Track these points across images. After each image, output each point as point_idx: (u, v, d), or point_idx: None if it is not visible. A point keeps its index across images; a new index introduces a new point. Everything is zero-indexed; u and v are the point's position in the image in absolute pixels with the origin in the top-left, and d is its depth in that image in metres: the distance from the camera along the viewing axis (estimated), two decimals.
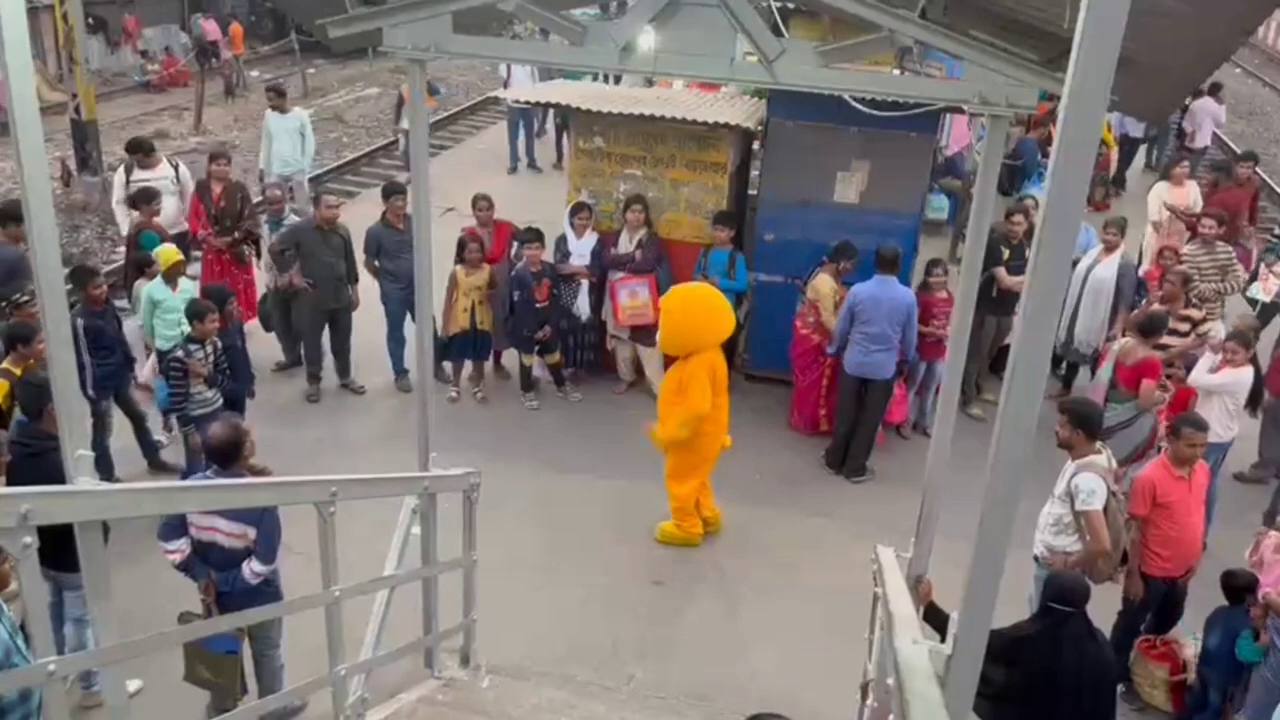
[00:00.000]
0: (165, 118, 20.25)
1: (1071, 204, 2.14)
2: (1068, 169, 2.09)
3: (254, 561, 4.98)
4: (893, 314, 7.82)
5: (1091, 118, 2.08)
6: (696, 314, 6.94)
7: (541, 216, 11.45)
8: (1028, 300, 2.19)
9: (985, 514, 2.44)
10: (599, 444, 8.49)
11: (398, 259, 8.63)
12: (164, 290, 7.75)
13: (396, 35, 4.52)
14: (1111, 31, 2.00)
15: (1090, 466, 5.54)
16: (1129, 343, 7.42)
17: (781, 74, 4.28)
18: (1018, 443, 2.31)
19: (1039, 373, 2.27)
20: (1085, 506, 5.46)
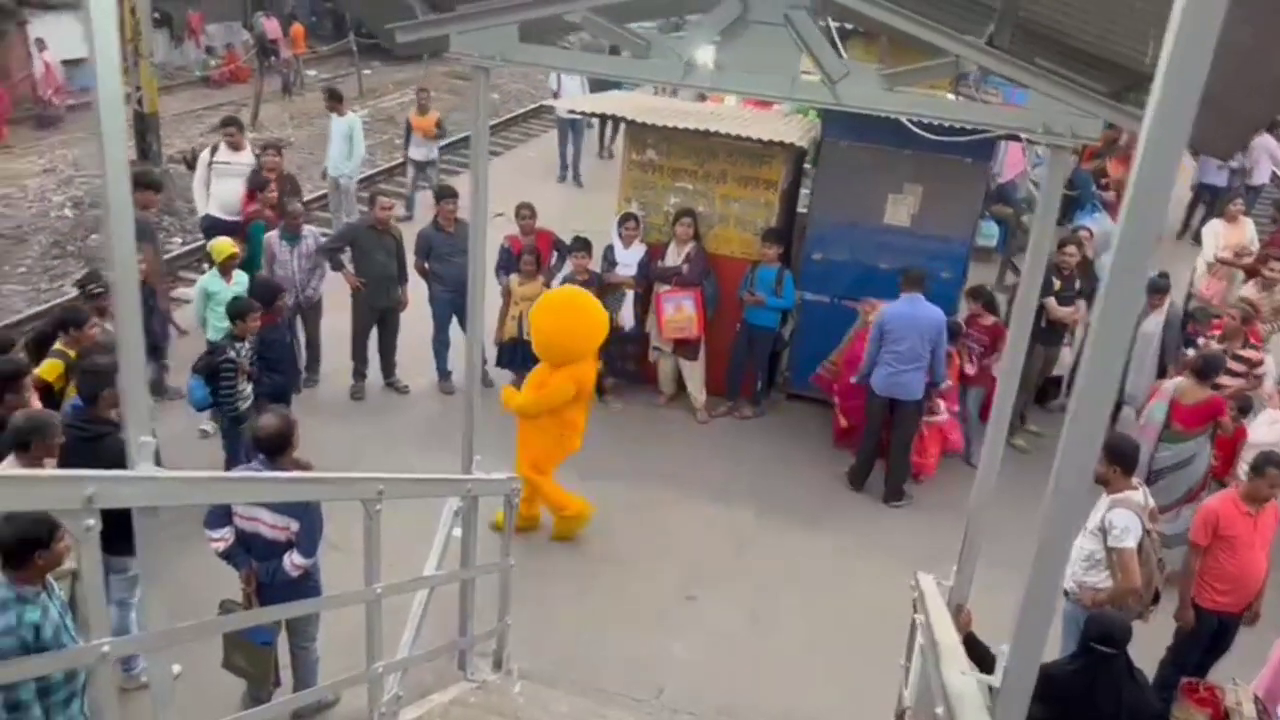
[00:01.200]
0: (224, 113, 20.56)
1: (1145, 238, 2.12)
2: (1143, 204, 2.08)
3: (295, 554, 5.04)
4: (924, 332, 7.77)
5: (1170, 156, 2.06)
6: (570, 322, 7.04)
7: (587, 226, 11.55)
8: (1095, 335, 2.17)
9: (1041, 548, 2.42)
10: (638, 455, 8.50)
11: (447, 262, 8.71)
12: (218, 282, 7.89)
13: (463, 42, 4.58)
14: (1196, 68, 1.98)
15: (1125, 503, 5.47)
16: (1184, 383, 7.30)
17: (844, 95, 4.28)
18: (1077, 481, 2.30)
19: (1101, 411, 2.26)
20: (1118, 544, 5.39)
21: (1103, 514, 5.49)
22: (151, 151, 14.93)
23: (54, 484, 2.64)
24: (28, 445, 4.86)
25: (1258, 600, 5.87)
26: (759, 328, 9.00)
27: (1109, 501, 5.51)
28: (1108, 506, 5.49)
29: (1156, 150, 2.05)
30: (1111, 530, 5.40)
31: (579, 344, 7.02)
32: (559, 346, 7.00)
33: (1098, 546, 5.51)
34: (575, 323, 7.04)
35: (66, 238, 13.57)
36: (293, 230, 8.65)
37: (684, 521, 7.70)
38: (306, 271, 8.72)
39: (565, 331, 7.00)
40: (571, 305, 7.19)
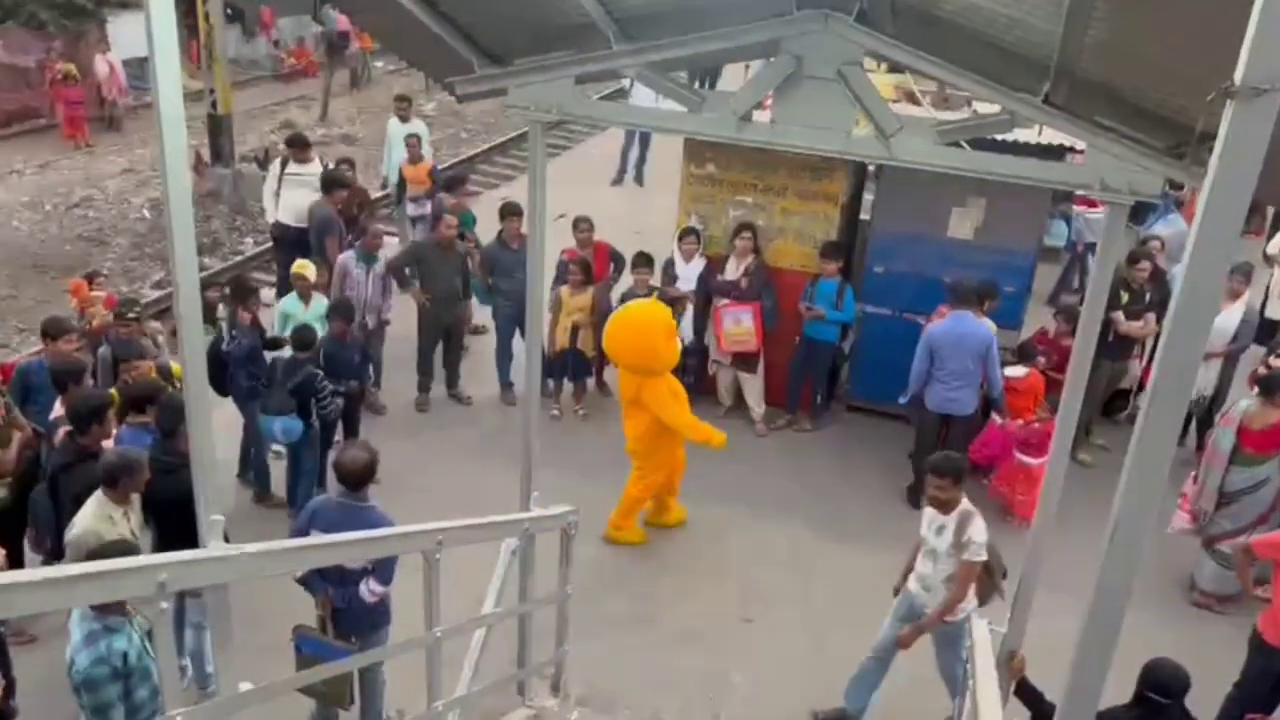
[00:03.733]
0: (293, 108, 21.02)
1: (1207, 299, 2.27)
2: (1204, 263, 2.18)
3: (372, 581, 5.21)
4: (972, 350, 7.71)
5: (1233, 212, 2.15)
6: (648, 337, 7.29)
7: (644, 228, 11.63)
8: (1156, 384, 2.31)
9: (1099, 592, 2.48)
10: (696, 469, 8.53)
11: (511, 277, 8.85)
12: (297, 304, 8.12)
13: (520, 95, 4.66)
14: (1260, 129, 2.01)
15: (976, 514, 5.56)
16: (1253, 406, 7.13)
17: (898, 150, 4.27)
18: (1143, 502, 2.41)
19: (1170, 434, 2.38)
20: (977, 558, 5.46)
21: (952, 530, 5.52)
22: (224, 152, 15.33)
23: (128, 574, 2.80)
24: (116, 482, 5.12)
25: None
26: (819, 341, 8.99)
27: (960, 515, 5.52)
28: (960, 520, 5.51)
29: (1219, 208, 2.13)
30: (972, 544, 5.45)
31: (662, 355, 7.30)
32: (643, 357, 7.29)
33: (956, 569, 5.55)
34: (654, 336, 7.25)
35: (145, 240, 14.04)
36: (370, 251, 8.76)
37: (741, 539, 7.76)
38: (379, 293, 8.85)
39: (646, 347, 7.27)
40: (647, 319, 7.38)
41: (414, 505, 7.19)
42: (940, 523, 5.60)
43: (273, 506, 7.70)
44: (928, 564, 5.67)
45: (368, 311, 8.78)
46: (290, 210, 10.42)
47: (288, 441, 7.39)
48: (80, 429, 5.68)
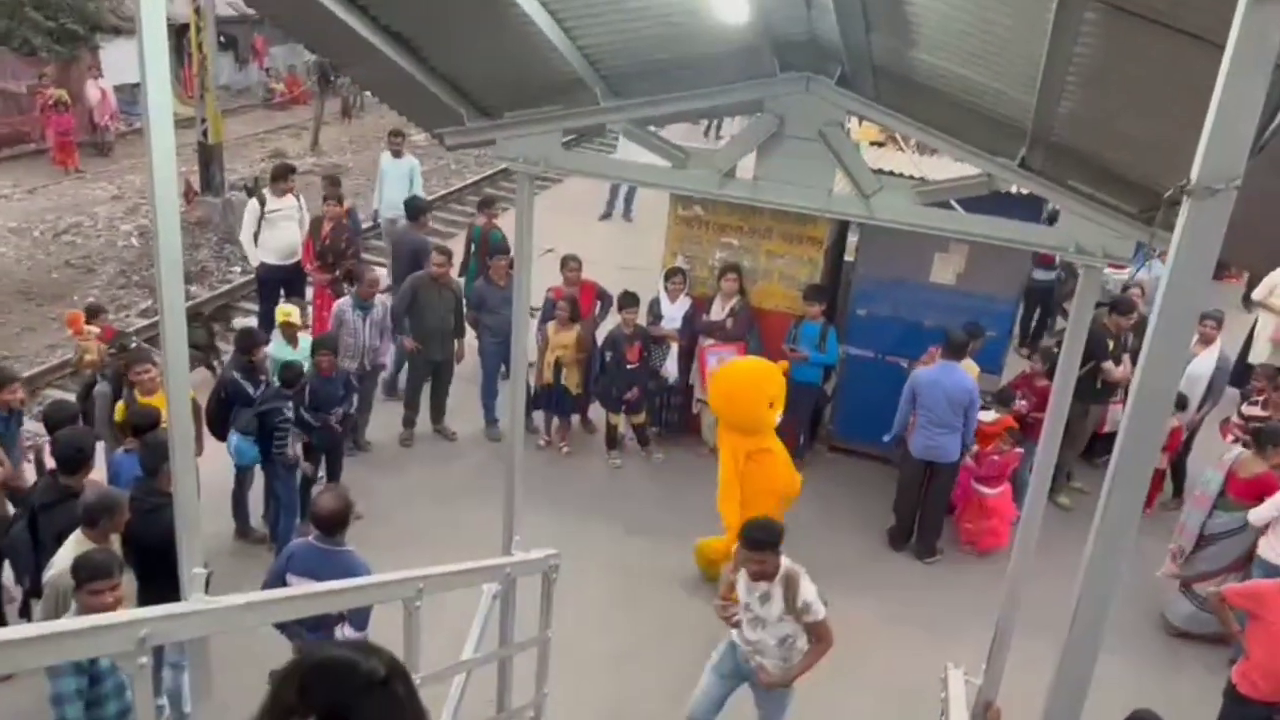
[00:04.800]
0: (284, 136, 21.12)
1: (1174, 354, 2.38)
2: (1170, 327, 2.28)
3: (347, 627, 5.24)
4: (954, 400, 7.79)
5: (1201, 265, 2.23)
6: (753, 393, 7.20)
7: (633, 264, 11.72)
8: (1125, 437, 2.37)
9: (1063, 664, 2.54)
10: (681, 508, 8.59)
11: (498, 315, 8.91)
12: (285, 349, 8.16)
13: (509, 147, 4.74)
14: (1214, 227, 2.10)
15: (800, 571, 5.35)
16: (1245, 454, 7.27)
17: (878, 209, 4.37)
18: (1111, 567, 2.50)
19: (1142, 480, 2.47)
20: (819, 616, 5.28)
21: (780, 597, 5.28)
22: (214, 181, 15.40)
23: (109, 630, 2.82)
24: (96, 522, 5.14)
25: None
26: (802, 383, 9.03)
27: (785, 580, 5.28)
28: (786, 584, 5.28)
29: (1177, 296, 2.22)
30: (810, 606, 5.25)
31: (761, 412, 7.20)
32: (748, 416, 7.21)
33: (793, 629, 5.34)
34: (757, 393, 7.20)
35: (132, 268, 14.05)
36: (366, 299, 8.70)
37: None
38: (375, 340, 8.78)
39: (750, 401, 7.18)
40: (751, 376, 7.35)
41: (397, 543, 7.25)
42: (764, 590, 5.33)
43: (254, 542, 7.70)
44: (757, 631, 5.40)
45: (365, 357, 8.73)
46: (272, 249, 10.47)
47: (239, 462, 7.48)
48: (65, 469, 5.69)
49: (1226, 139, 2.03)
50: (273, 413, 7.24)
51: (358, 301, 8.70)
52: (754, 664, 5.49)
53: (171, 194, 3.03)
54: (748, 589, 5.42)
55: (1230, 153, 2.04)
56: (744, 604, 5.46)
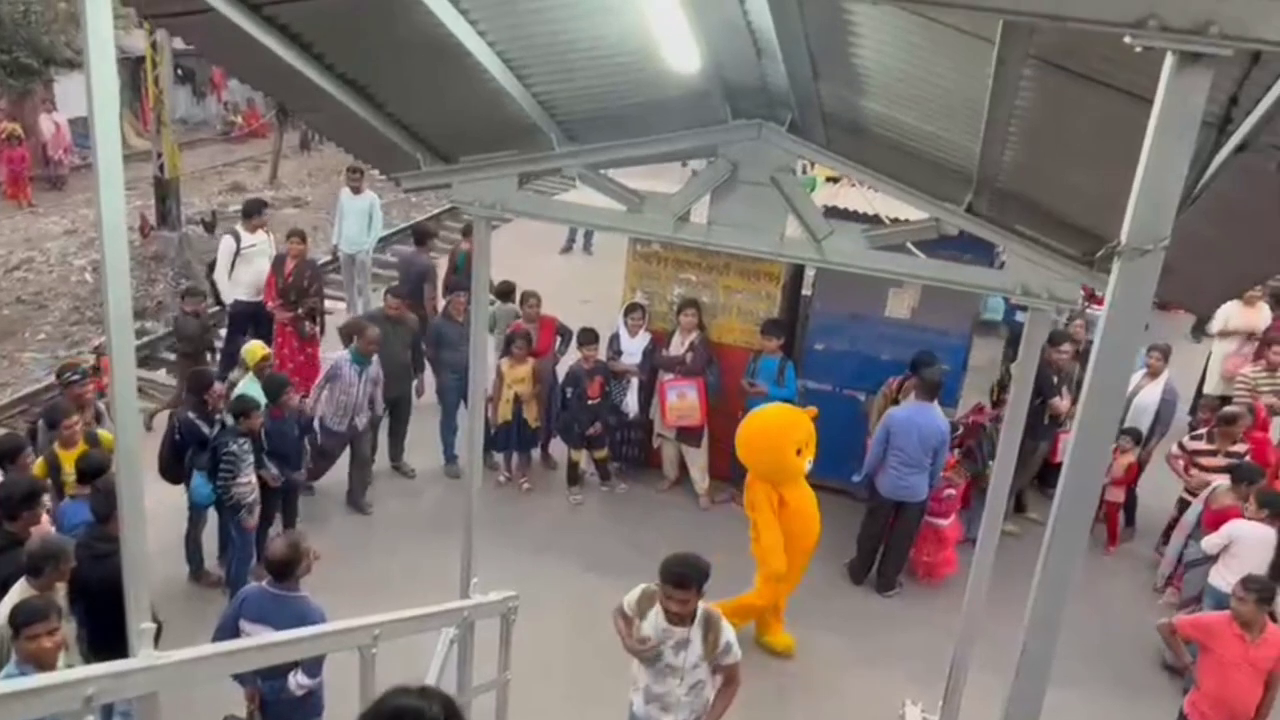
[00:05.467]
0: (242, 169, 21.01)
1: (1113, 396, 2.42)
2: (1107, 371, 2.33)
3: (300, 674, 5.18)
4: (925, 441, 7.85)
5: (1133, 321, 2.29)
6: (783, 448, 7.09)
7: (593, 298, 11.77)
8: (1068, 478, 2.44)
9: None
10: (639, 544, 8.56)
11: (457, 351, 8.89)
12: (254, 386, 8.08)
13: (465, 191, 4.77)
14: (1144, 285, 2.17)
15: (717, 612, 5.01)
16: (1222, 486, 7.51)
17: (829, 253, 4.44)
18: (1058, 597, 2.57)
19: (1087, 508, 2.54)
20: (737, 658, 5.00)
21: (700, 642, 4.90)
22: (171, 215, 15.27)
23: (55, 690, 2.78)
24: (40, 571, 5.04)
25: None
26: None
27: (704, 623, 4.90)
28: (705, 628, 4.90)
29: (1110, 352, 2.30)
30: (731, 648, 4.94)
31: (787, 460, 7.08)
32: (773, 465, 7.11)
33: (705, 675, 4.99)
34: (780, 440, 7.09)
35: (86, 303, 13.87)
36: (365, 354, 8.36)
37: None
38: (371, 396, 8.53)
39: (773, 450, 7.08)
40: (773, 424, 7.23)
41: (355, 584, 7.18)
42: (679, 637, 4.87)
43: (209, 585, 7.58)
44: (667, 682, 4.92)
45: (358, 413, 8.46)
46: (246, 285, 10.43)
47: (196, 501, 7.37)
48: (9, 514, 5.58)
49: (1154, 201, 2.10)
50: (217, 447, 7.16)
51: (356, 357, 8.34)
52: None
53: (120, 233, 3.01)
54: (660, 635, 4.90)
55: (1158, 214, 2.11)
56: (656, 654, 4.95)
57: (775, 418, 7.31)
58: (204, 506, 7.40)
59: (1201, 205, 3.12)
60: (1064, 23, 2.09)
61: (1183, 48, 1.99)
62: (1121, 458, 8.83)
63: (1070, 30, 2.17)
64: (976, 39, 2.91)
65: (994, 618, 5.27)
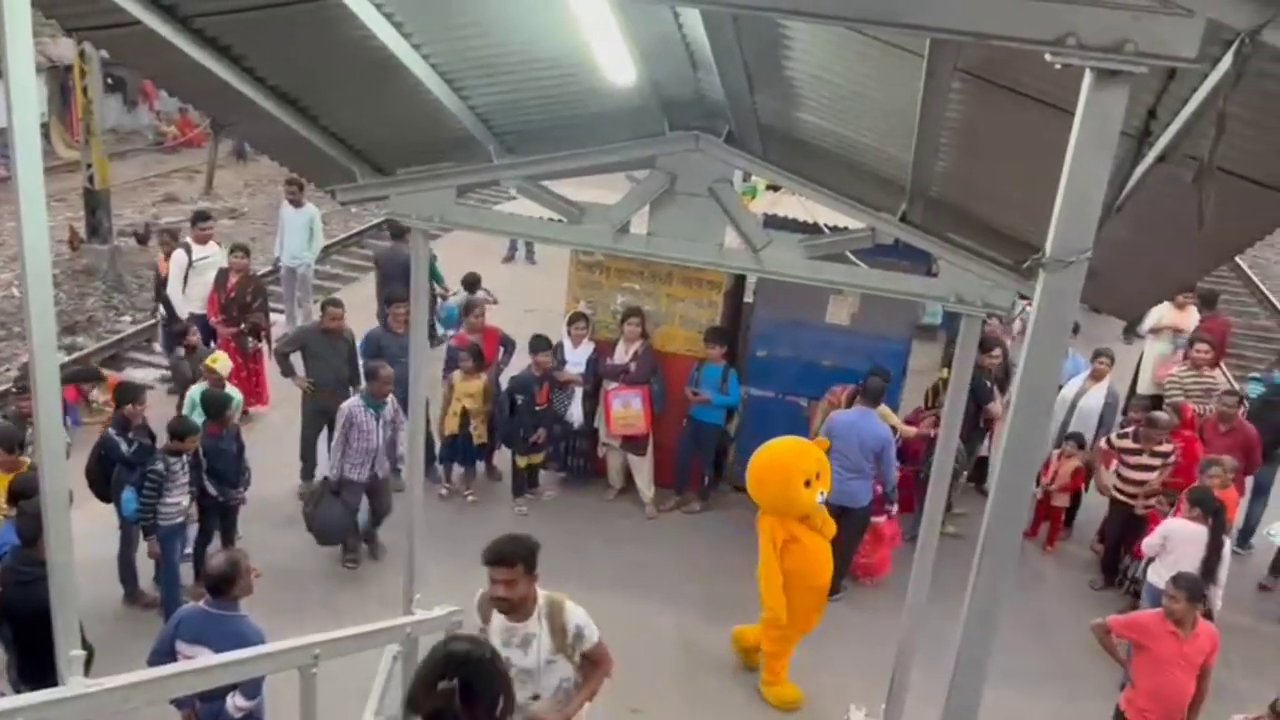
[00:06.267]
0: (176, 180, 20.59)
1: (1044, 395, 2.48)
2: (1037, 372, 2.37)
3: (238, 696, 5.09)
4: (865, 446, 7.89)
5: (1058, 328, 2.34)
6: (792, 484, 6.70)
7: (537, 307, 11.75)
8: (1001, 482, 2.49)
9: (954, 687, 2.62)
10: (586, 554, 8.57)
11: (396, 362, 8.78)
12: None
13: (402, 204, 4.73)
14: (1068, 294, 2.22)
15: (564, 598, 4.66)
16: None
17: (768, 262, 4.48)
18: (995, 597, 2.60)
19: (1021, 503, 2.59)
20: (594, 639, 4.64)
21: (546, 634, 4.50)
22: (102, 228, 14.91)
23: None
24: None
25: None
26: (705, 424, 9.17)
27: (548, 612, 4.52)
28: (550, 617, 4.51)
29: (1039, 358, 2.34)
30: (582, 631, 4.56)
31: (795, 493, 6.69)
32: (780, 498, 6.76)
33: (568, 670, 4.59)
34: (786, 473, 6.73)
35: (13, 318, 13.47)
36: (379, 397, 7.91)
37: (630, 625, 7.72)
38: (390, 440, 8.04)
39: (778, 483, 6.74)
40: (779, 456, 6.83)
41: (296, 602, 7.08)
42: (523, 633, 4.42)
43: (145, 606, 7.41)
44: (524, 688, 4.40)
45: (379, 460, 8.01)
46: (199, 298, 10.30)
47: (124, 518, 7.19)
48: None
49: (1077, 212, 2.16)
50: (141, 459, 7.03)
51: (369, 401, 7.89)
52: None
53: (43, 250, 2.94)
54: (505, 636, 4.45)
55: (1081, 226, 2.17)
56: (504, 659, 4.25)
57: (782, 449, 6.92)
58: (135, 524, 7.23)
59: (1126, 214, 3.20)
60: (987, 40, 2.13)
61: (1099, 65, 2.04)
62: (1067, 463, 9.00)
63: (995, 46, 2.22)
64: (906, 53, 2.96)
65: (936, 618, 5.36)
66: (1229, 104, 2.06)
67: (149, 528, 7.03)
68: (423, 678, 3.19)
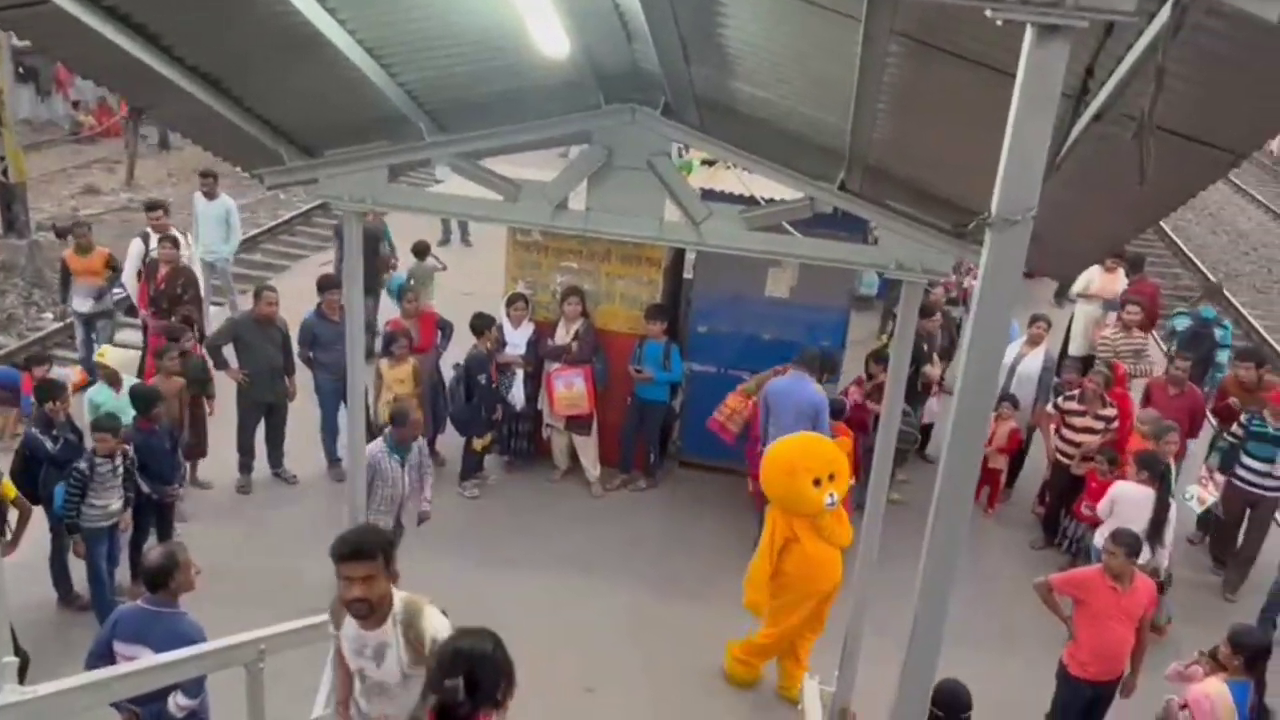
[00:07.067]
0: (96, 171, 19.93)
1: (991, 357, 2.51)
2: (984, 333, 2.38)
3: (180, 695, 4.97)
4: (801, 410, 7.90)
5: (1006, 288, 2.34)
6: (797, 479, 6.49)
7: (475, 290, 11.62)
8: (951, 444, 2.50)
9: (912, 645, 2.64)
10: (535, 536, 8.55)
11: (331, 350, 8.64)
12: (106, 393, 7.69)
13: (332, 186, 4.60)
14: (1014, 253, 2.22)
15: (423, 601, 4.07)
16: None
17: (708, 235, 4.45)
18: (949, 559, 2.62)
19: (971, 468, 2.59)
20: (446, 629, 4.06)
21: (402, 642, 3.94)
22: (18, 222, 14.39)
23: None
24: None
25: (1133, 675, 6.17)
26: (649, 402, 9.16)
27: (404, 617, 3.93)
28: (406, 623, 3.93)
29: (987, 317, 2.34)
30: (440, 634, 3.87)
31: (803, 490, 6.47)
32: (787, 495, 6.56)
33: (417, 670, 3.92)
34: (793, 469, 6.51)
35: None
36: (403, 442, 7.12)
37: (582, 605, 7.75)
38: (415, 487, 7.32)
39: (784, 482, 6.54)
40: (787, 453, 6.65)
41: (238, 598, 6.91)
42: (376, 642, 3.91)
43: (80, 609, 7.20)
44: (381, 703, 4.02)
45: (404, 506, 7.29)
46: None
47: (55, 518, 6.98)
48: None
49: (1020, 172, 2.15)
50: (67, 457, 6.82)
51: (393, 446, 7.10)
52: None
53: None
54: (356, 645, 3.96)
55: (1025, 185, 2.16)
56: (357, 670, 4.01)
57: (793, 446, 6.74)
58: (60, 522, 6.99)
59: (1064, 174, 3.22)
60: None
61: (1041, 20, 2.03)
62: (1002, 425, 9.15)
63: (933, 6, 2.20)
64: (842, 17, 2.93)
65: (883, 584, 5.42)
66: (1166, 60, 2.06)
67: (72, 526, 6.82)
68: (432, 674, 3.40)
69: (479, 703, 3.35)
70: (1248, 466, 8.24)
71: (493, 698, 3.40)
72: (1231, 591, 8.49)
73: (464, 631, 3.47)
